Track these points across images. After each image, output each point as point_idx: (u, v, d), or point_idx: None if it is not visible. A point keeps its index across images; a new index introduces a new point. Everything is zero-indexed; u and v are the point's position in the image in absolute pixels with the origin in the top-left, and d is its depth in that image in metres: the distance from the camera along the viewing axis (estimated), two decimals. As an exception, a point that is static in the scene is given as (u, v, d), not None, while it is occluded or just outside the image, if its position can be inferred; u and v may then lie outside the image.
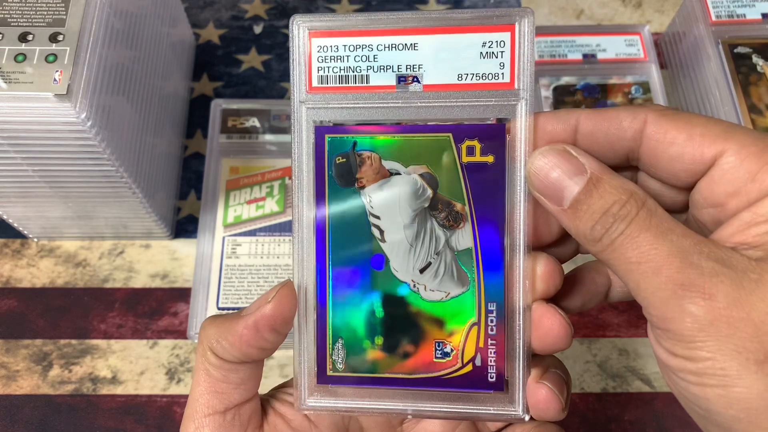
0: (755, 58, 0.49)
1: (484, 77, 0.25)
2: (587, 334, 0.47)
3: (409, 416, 0.27)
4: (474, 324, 0.26)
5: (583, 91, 0.52)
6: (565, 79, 0.52)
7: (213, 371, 0.26)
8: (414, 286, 0.26)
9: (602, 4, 0.60)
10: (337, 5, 0.59)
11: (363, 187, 0.26)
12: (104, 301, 0.48)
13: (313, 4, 0.60)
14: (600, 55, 0.53)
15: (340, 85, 0.26)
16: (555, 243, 0.27)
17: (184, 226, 0.51)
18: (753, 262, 0.21)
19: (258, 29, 0.58)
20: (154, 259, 0.49)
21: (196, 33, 0.58)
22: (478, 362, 0.26)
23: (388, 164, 0.26)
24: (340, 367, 0.27)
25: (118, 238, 0.50)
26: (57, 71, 0.34)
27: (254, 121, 0.50)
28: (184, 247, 0.50)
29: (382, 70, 0.25)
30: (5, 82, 0.34)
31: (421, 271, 0.26)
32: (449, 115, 0.26)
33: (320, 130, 0.26)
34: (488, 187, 0.26)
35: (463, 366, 0.26)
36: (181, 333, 0.47)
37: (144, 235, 0.49)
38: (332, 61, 0.26)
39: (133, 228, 0.48)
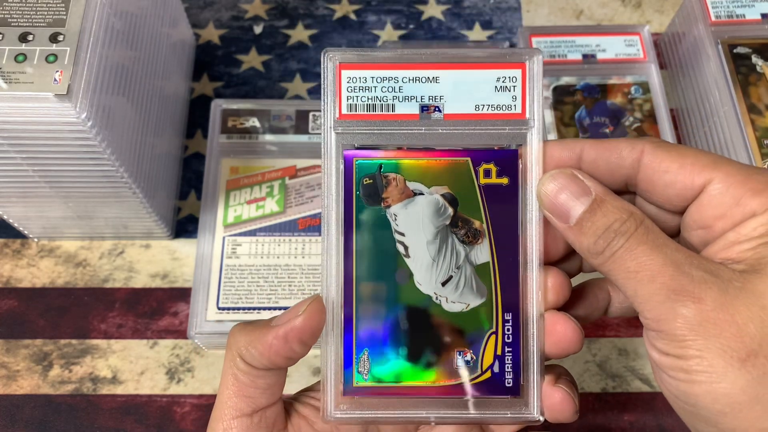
0: (755, 59, 0.49)
1: (498, 108, 0.28)
2: (587, 334, 0.47)
3: (433, 423, 0.29)
4: (492, 333, 0.28)
5: (583, 91, 0.52)
6: (565, 79, 0.52)
7: (241, 376, 0.27)
8: (436, 298, 0.28)
9: (602, 4, 0.60)
10: (337, 5, 0.60)
11: (388, 206, 0.28)
12: (104, 301, 0.48)
13: (313, 4, 0.60)
14: (600, 56, 0.53)
15: (368, 113, 0.28)
16: (560, 260, 0.29)
17: (184, 226, 0.51)
18: (737, 273, 0.23)
19: (258, 29, 0.58)
20: (154, 259, 0.49)
21: (196, 33, 0.58)
22: (496, 369, 0.28)
23: (412, 185, 0.28)
24: (366, 378, 0.28)
25: (119, 238, 0.50)
26: (57, 71, 0.34)
27: (254, 121, 0.50)
28: (184, 247, 0.50)
29: (406, 100, 0.28)
30: (5, 82, 0.34)
31: (443, 284, 0.28)
32: (468, 141, 0.28)
33: (349, 154, 0.28)
34: (504, 207, 0.28)
35: (482, 373, 0.28)
36: (181, 333, 0.47)
37: (144, 235, 0.49)
38: (360, 90, 0.28)
39: (133, 228, 0.48)
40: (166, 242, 0.50)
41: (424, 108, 0.28)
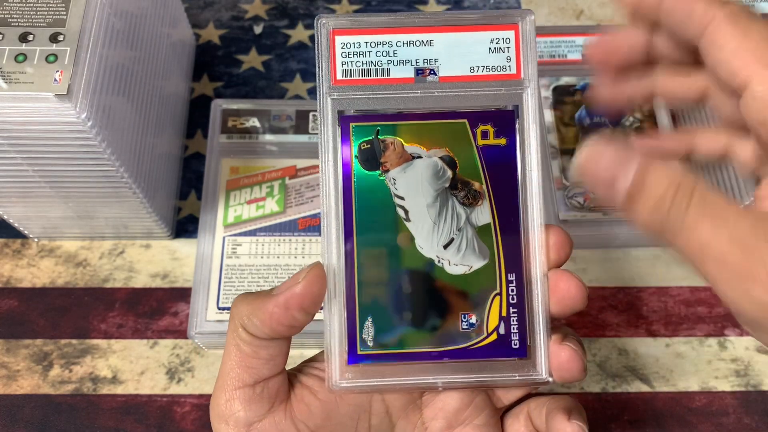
0: (755, 58, 0.49)
1: (493, 69, 0.28)
2: (587, 334, 0.47)
3: (440, 388, 0.28)
4: (496, 294, 0.28)
5: (583, 91, 0.52)
6: (565, 79, 0.52)
7: (244, 347, 0.27)
8: (438, 261, 0.28)
9: (602, 4, 0.60)
10: (337, 5, 0.60)
11: (387, 171, 0.28)
12: (104, 301, 0.48)
13: (313, 4, 0.60)
14: (600, 55, 0.53)
15: (363, 78, 0.28)
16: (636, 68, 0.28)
17: (185, 226, 0.51)
18: None
19: (258, 29, 0.58)
20: (154, 259, 0.49)
21: (197, 33, 0.58)
22: (501, 331, 0.28)
23: (410, 149, 0.28)
24: (370, 344, 0.28)
25: (119, 238, 0.50)
26: (57, 71, 0.34)
27: (254, 121, 0.51)
28: (184, 247, 0.50)
29: (401, 64, 0.28)
30: (6, 82, 0.34)
31: (445, 246, 0.28)
32: (464, 103, 0.28)
33: (345, 119, 0.28)
34: (503, 167, 0.28)
35: (488, 335, 0.28)
36: (181, 333, 0.47)
37: (144, 235, 0.49)
38: (355, 56, 0.28)
39: (133, 228, 0.48)
40: (166, 242, 0.50)
41: (419, 71, 0.28)
